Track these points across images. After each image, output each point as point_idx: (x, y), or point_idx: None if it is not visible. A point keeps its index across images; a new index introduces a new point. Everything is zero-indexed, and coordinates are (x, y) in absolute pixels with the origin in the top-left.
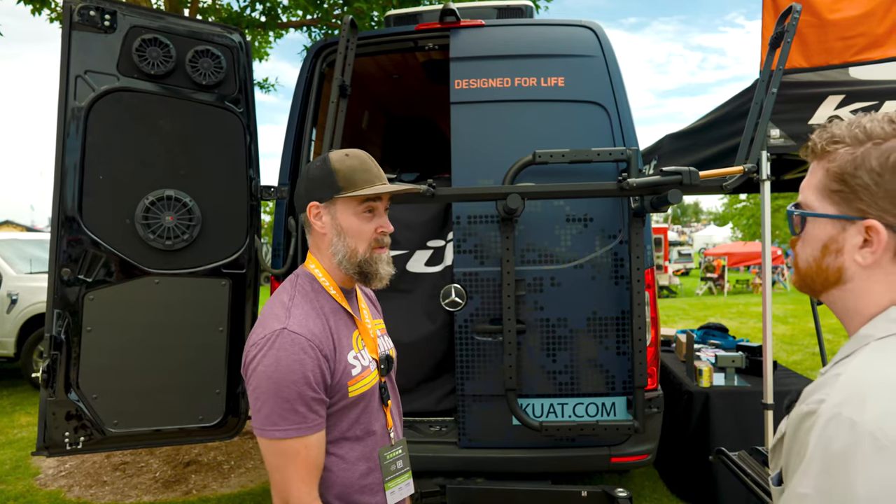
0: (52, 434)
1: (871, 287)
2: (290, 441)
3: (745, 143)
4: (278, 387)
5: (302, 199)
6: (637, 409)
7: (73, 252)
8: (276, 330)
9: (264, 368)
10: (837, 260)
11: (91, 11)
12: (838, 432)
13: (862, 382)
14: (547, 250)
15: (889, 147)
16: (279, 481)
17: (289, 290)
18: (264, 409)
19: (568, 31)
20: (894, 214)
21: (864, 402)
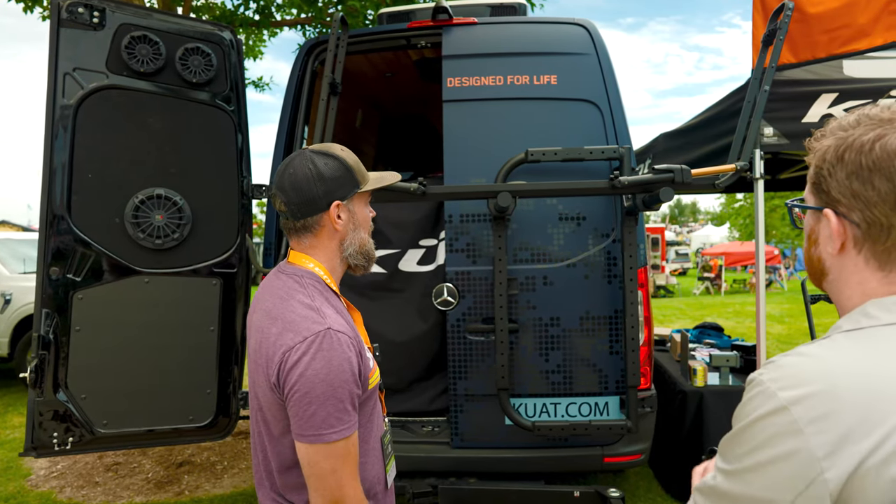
0: (41, 435)
1: (847, 278)
2: (344, 441)
3: (737, 142)
4: (333, 388)
5: (320, 202)
6: (630, 408)
7: (62, 251)
8: (320, 331)
9: (315, 372)
10: (817, 250)
11: (80, 8)
12: (761, 402)
13: (804, 365)
14: (540, 249)
15: (844, 138)
16: (333, 484)
17: (302, 291)
18: (320, 413)
19: (561, 28)
20: (846, 206)
21: (796, 384)
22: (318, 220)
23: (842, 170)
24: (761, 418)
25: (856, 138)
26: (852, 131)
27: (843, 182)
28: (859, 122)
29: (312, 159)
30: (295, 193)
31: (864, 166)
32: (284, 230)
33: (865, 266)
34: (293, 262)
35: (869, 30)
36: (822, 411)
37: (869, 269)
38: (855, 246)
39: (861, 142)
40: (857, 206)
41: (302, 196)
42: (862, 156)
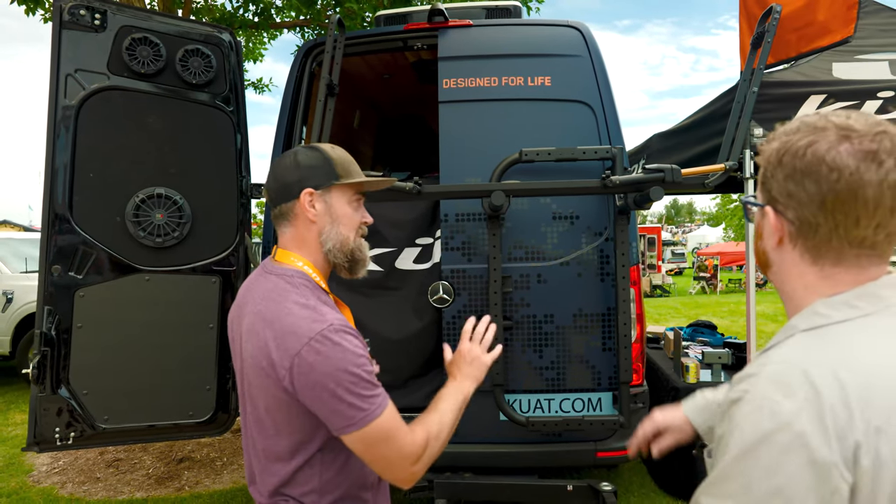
0: (43, 430)
1: (788, 270)
2: (387, 411)
3: (726, 142)
4: (350, 375)
5: (292, 189)
6: (622, 404)
7: (64, 249)
8: (321, 329)
9: (335, 364)
10: (762, 244)
11: (81, 11)
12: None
13: (785, 375)
14: (534, 247)
15: (785, 142)
16: (395, 452)
17: (295, 291)
18: (342, 406)
19: (554, 31)
20: (783, 204)
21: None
22: (292, 208)
23: (781, 172)
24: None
25: (793, 143)
26: (792, 136)
27: (781, 183)
28: (798, 129)
29: (297, 151)
30: (273, 180)
31: (797, 169)
32: (272, 221)
33: (801, 260)
34: (280, 261)
35: (830, 26)
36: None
37: (804, 262)
38: (790, 241)
39: (797, 147)
40: (791, 205)
41: (278, 182)
42: (796, 160)
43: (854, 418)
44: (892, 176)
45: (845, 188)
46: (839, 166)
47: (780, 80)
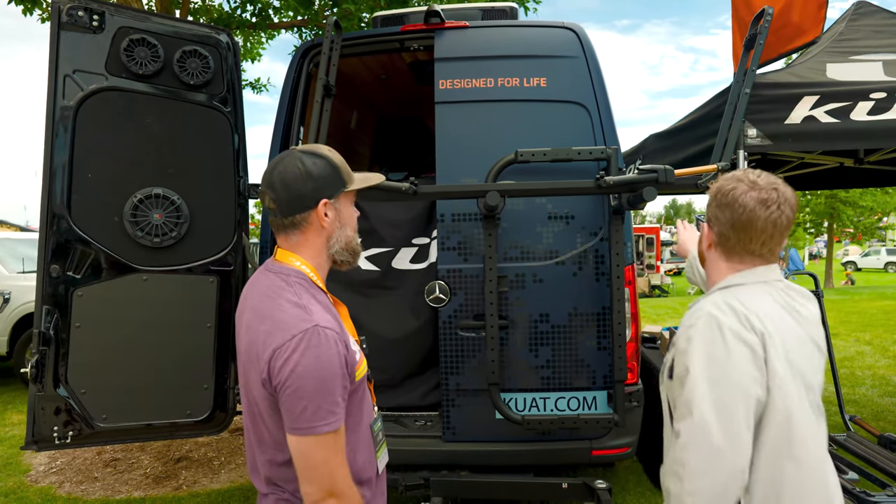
0: (41, 429)
1: (714, 264)
2: (334, 433)
3: (719, 143)
4: (323, 382)
5: (308, 200)
6: (617, 402)
7: (62, 249)
8: (307, 329)
9: (305, 368)
10: (701, 246)
11: (79, 12)
12: (711, 329)
13: (717, 305)
14: (529, 247)
15: (720, 185)
16: (325, 474)
17: (289, 289)
18: (311, 408)
19: (550, 32)
20: (713, 222)
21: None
22: (306, 218)
23: (714, 203)
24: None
25: (724, 187)
26: (725, 183)
27: (713, 209)
28: (734, 177)
29: (301, 158)
30: (284, 191)
31: (722, 203)
32: (272, 227)
33: (720, 258)
34: (280, 261)
35: (804, 26)
36: (740, 320)
37: (722, 260)
38: (715, 246)
39: (725, 189)
40: (716, 224)
41: (291, 193)
42: (722, 196)
43: (756, 321)
44: (773, 216)
45: (745, 219)
46: (744, 205)
47: (775, 82)
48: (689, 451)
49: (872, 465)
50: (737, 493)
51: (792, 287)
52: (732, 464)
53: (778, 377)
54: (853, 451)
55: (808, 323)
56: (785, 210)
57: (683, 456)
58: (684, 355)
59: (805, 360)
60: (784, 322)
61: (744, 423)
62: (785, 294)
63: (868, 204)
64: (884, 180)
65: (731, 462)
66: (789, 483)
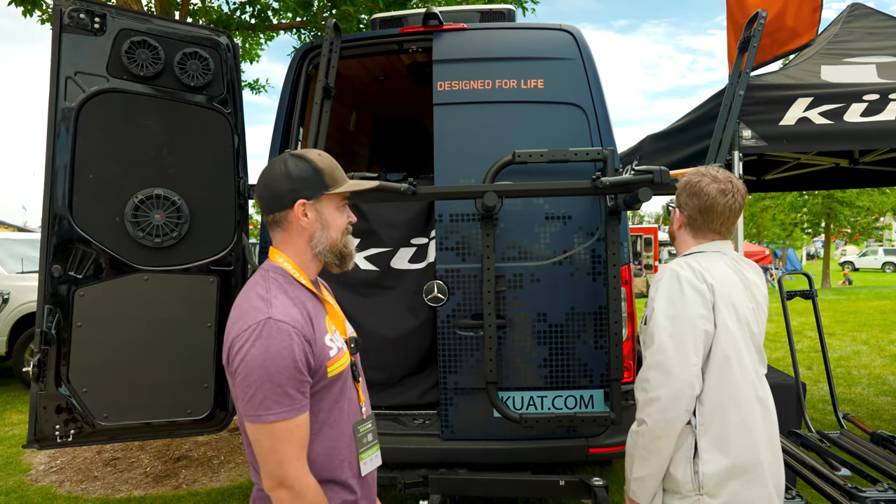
0: (43, 427)
1: (682, 240)
2: (284, 423)
3: (714, 144)
4: (269, 373)
5: (284, 199)
6: (614, 401)
7: (64, 249)
8: (261, 320)
9: (253, 358)
10: (672, 227)
11: (81, 14)
12: (672, 281)
13: (679, 265)
14: (527, 247)
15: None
16: (274, 463)
17: (262, 284)
18: (257, 396)
19: (547, 34)
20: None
21: (681, 270)
22: (285, 217)
23: (684, 192)
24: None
25: (691, 179)
26: (692, 177)
27: (684, 197)
28: (698, 172)
29: (286, 160)
30: (264, 189)
31: (691, 193)
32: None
33: (688, 236)
34: (269, 258)
35: (798, 30)
36: (689, 276)
37: (689, 237)
38: (684, 227)
39: (693, 182)
40: (685, 209)
41: (269, 192)
42: (691, 187)
43: (707, 276)
44: (730, 202)
45: (708, 204)
46: (708, 193)
47: (770, 84)
48: (651, 370)
49: (865, 462)
50: (687, 400)
51: (742, 259)
52: (681, 378)
53: (722, 316)
54: (846, 449)
55: (752, 284)
56: (738, 198)
57: (647, 374)
58: (652, 301)
59: (748, 311)
60: (731, 280)
61: (691, 348)
62: (735, 263)
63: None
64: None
65: (681, 377)
66: (730, 393)
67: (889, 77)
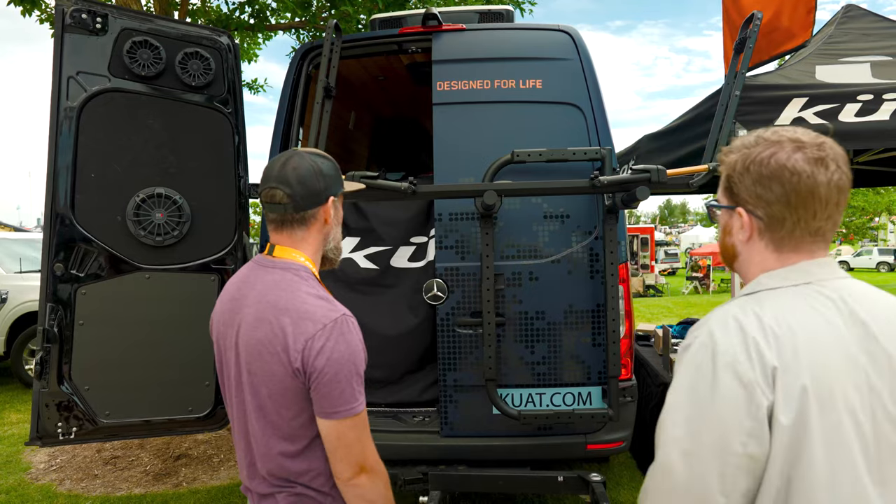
0: (45, 424)
1: (751, 258)
2: (364, 411)
3: (710, 143)
4: (356, 366)
5: (320, 196)
6: (611, 398)
7: (66, 248)
8: (337, 318)
9: (340, 354)
10: (730, 239)
11: (83, 14)
12: (704, 352)
13: (722, 320)
14: (525, 246)
15: (747, 154)
16: (359, 452)
17: (305, 283)
18: (347, 391)
19: (545, 35)
20: (752, 203)
21: (720, 336)
22: (315, 213)
23: (748, 178)
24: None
25: (756, 154)
26: (753, 149)
27: (749, 187)
28: (757, 143)
29: (311, 158)
30: (300, 186)
31: (763, 175)
32: (275, 224)
33: (765, 249)
34: (281, 257)
35: (793, 31)
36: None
37: (768, 251)
38: (759, 235)
39: (761, 157)
40: (760, 205)
41: (307, 189)
42: (762, 167)
43: (768, 349)
44: (836, 177)
45: (805, 188)
46: (797, 171)
47: (765, 84)
48: (652, 494)
49: None
50: None
51: (864, 293)
52: None
53: (787, 433)
54: None
55: (881, 338)
56: (844, 168)
57: (646, 493)
58: (672, 383)
59: (869, 402)
60: (831, 346)
61: (715, 482)
62: (844, 305)
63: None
64: (874, 181)
65: None
66: None
67: (883, 77)
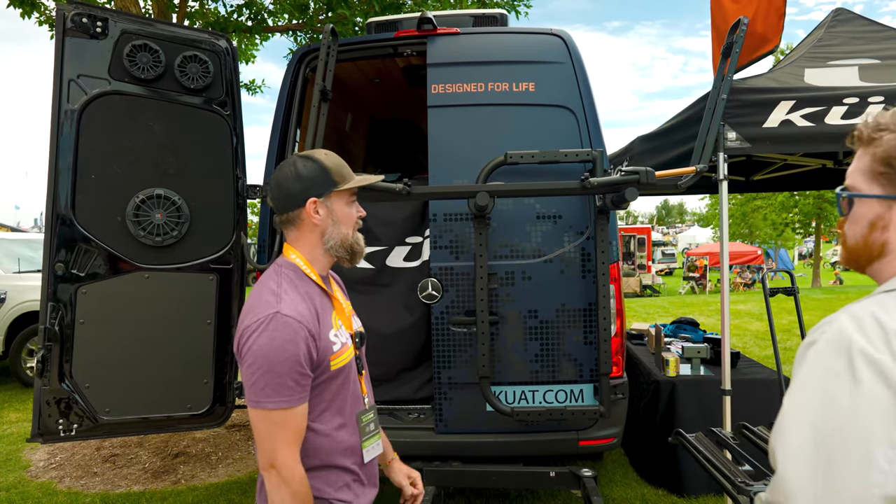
0: (47, 422)
1: (893, 258)
2: (280, 412)
3: (698, 146)
4: (272, 363)
5: (296, 198)
6: (603, 395)
7: (67, 248)
8: (270, 314)
9: (259, 347)
10: (883, 235)
11: (83, 18)
12: (837, 351)
13: (857, 317)
14: (518, 246)
15: (883, 130)
16: (268, 447)
17: (274, 279)
18: (259, 384)
19: (538, 38)
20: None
21: (855, 330)
22: (298, 215)
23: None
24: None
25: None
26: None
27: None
28: None
29: (295, 162)
30: (277, 190)
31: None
32: (278, 223)
33: None
34: (283, 254)
35: (767, 36)
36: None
37: None
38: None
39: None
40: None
41: (281, 192)
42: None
43: None
44: None
45: None
46: None
47: (754, 87)
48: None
49: None
50: None
51: None
52: None
53: None
54: None
55: None
56: None
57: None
58: (792, 384)
59: None
60: None
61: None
62: None
63: None
64: None
65: None
66: None
67: (869, 80)
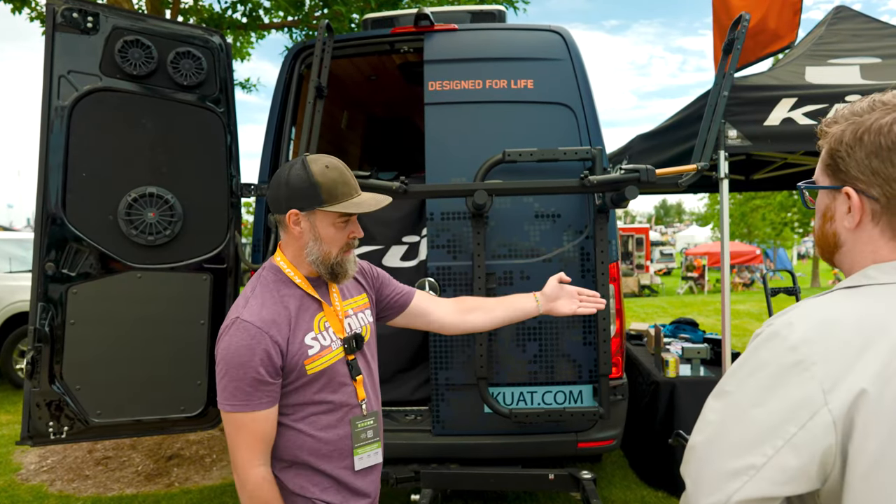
0: (37, 424)
1: (860, 248)
2: (238, 415)
3: (699, 144)
4: (228, 368)
5: (281, 204)
6: (602, 396)
7: (57, 247)
8: (233, 318)
9: (221, 352)
10: (833, 226)
11: (74, 13)
12: (774, 344)
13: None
14: (517, 245)
15: (861, 122)
16: (230, 446)
17: (252, 282)
18: (220, 385)
19: (537, 35)
20: (864, 182)
21: (795, 326)
22: (282, 220)
23: (861, 150)
24: (778, 358)
25: (873, 121)
26: (868, 116)
27: (862, 161)
28: (873, 108)
29: (293, 165)
30: (269, 191)
31: (883, 146)
32: None
33: (880, 237)
34: (274, 255)
35: (781, 32)
36: (826, 353)
37: (883, 239)
38: (872, 219)
39: (879, 124)
40: (876, 183)
41: (272, 193)
42: (881, 137)
43: (856, 366)
44: None
45: None
46: None
47: (755, 84)
48: None
49: None
50: None
51: None
52: None
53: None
54: None
55: None
56: None
57: None
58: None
59: None
60: None
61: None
62: None
63: None
64: None
65: None
66: None
67: (871, 78)
